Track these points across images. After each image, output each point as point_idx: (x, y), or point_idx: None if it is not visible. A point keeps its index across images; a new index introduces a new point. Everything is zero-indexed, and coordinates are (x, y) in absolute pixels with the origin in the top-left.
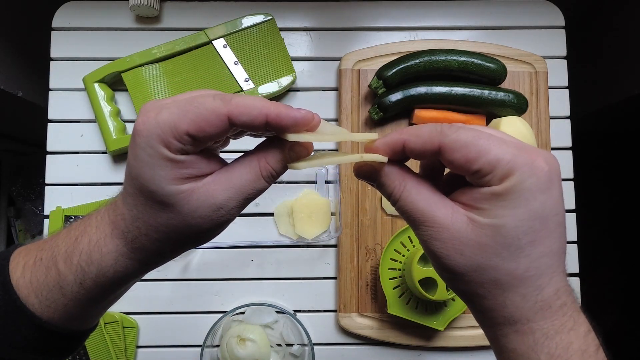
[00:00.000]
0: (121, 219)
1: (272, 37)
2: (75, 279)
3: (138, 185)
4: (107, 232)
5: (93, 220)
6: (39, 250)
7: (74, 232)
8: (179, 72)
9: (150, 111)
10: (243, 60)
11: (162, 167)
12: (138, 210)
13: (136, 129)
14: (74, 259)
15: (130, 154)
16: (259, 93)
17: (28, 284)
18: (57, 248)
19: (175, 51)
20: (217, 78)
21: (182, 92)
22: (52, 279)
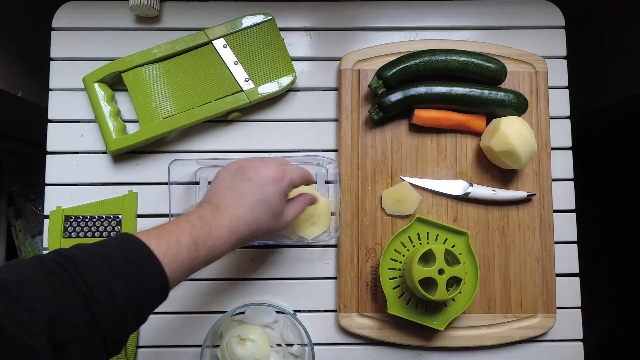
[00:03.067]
0: (237, 225)
1: (272, 37)
2: (203, 256)
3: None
4: (225, 232)
5: (214, 226)
6: (170, 235)
7: (204, 227)
8: (179, 72)
9: (280, 171)
10: (243, 60)
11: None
12: (262, 218)
13: (276, 177)
14: (208, 243)
15: (270, 190)
16: (259, 93)
17: (172, 258)
18: (195, 239)
19: (175, 51)
20: (217, 78)
21: (182, 92)
22: (190, 255)
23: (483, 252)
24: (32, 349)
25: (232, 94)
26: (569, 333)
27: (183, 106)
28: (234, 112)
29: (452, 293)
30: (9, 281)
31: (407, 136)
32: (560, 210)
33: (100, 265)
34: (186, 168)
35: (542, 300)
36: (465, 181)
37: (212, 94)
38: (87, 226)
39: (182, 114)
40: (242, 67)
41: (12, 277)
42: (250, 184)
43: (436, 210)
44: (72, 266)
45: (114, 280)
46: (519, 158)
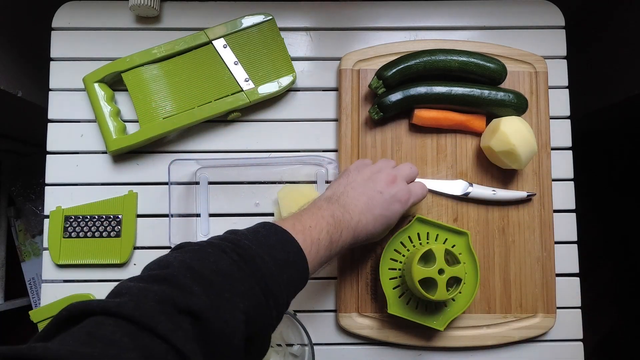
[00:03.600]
0: (360, 231)
1: (272, 37)
2: (333, 254)
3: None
4: (350, 236)
5: (343, 228)
6: (312, 231)
7: (337, 227)
8: (179, 72)
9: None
10: (243, 60)
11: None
12: (378, 230)
13: (403, 198)
14: (339, 242)
15: (395, 209)
16: (259, 93)
17: (314, 255)
18: (331, 238)
19: (175, 51)
20: (217, 78)
21: (182, 92)
22: (326, 253)
23: (483, 252)
24: (232, 342)
25: (232, 94)
26: (569, 333)
27: (183, 106)
28: (234, 112)
29: (452, 293)
30: (210, 272)
31: (407, 136)
32: (560, 210)
33: (271, 259)
34: (186, 168)
35: (542, 300)
36: (465, 181)
37: (212, 94)
38: (87, 226)
39: (182, 114)
40: (242, 67)
41: (210, 267)
42: (380, 197)
43: (436, 210)
44: (251, 259)
45: (280, 274)
46: (519, 158)
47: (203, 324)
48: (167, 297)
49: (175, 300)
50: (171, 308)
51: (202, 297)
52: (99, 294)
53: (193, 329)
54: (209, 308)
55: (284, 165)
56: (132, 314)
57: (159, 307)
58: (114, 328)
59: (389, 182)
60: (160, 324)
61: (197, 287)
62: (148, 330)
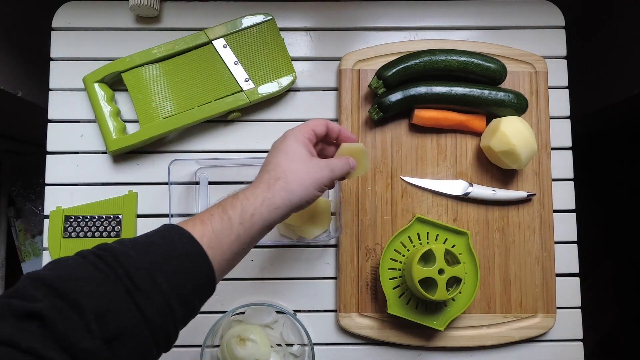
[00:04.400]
0: (262, 178)
1: (272, 37)
2: (242, 223)
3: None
4: (252, 189)
5: (241, 192)
6: (203, 213)
7: (234, 196)
8: (179, 72)
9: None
10: (243, 60)
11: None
12: (280, 163)
13: (292, 131)
14: (237, 206)
15: (286, 141)
16: (259, 93)
17: (210, 236)
18: (223, 205)
19: (175, 51)
20: (217, 78)
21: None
22: (226, 224)
23: (483, 252)
24: (83, 345)
25: (232, 94)
26: (569, 333)
27: (183, 106)
28: (234, 112)
29: (452, 293)
30: (54, 279)
31: (407, 136)
32: (560, 210)
33: (141, 255)
34: (186, 168)
35: (542, 300)
36: (465, 181)
37: (212, 94)
38: (87, 226)
39: (182, 114)
40: (242, 67)
41: (55, 274)
42: (274, 148)
43: (436, 210)
44: (113, 258)
45: (157, 268)
46: (519, 158)
47: (48, 326)
48: (3, 307)
49: (13, 308)
50: (10, 316)
51: (42, 301)
52: None
53: (40, 330)
54: (49, 310)
55: None
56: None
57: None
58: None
59: (291, 130)
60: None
61: (37, 292)
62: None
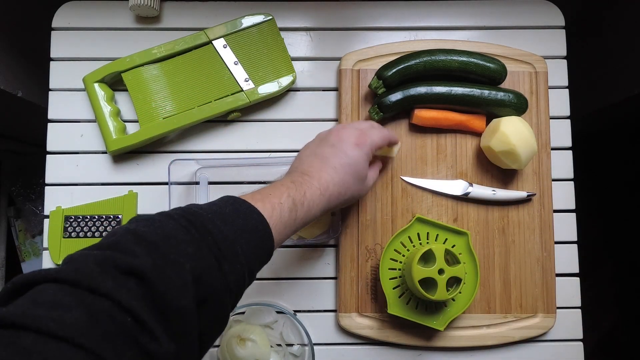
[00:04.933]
0: (326, 187)
1: (272, 37)
2: (302, 216)
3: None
4: (317, 194)
5: (306, 189)
6: (272, 198)
7: (299, 189)
8: (179, 72)
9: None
10: (243, 60)
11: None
12: (348, 180)
13: (358, 141)
14: (305, 204)
15: (354, 154)
16: (259, 93)
17: (277, 219)
18: (294, 200)
19: (175, 51)
20: (217, 78)
21: (182, 92)
22: (291, 216)
23: (483, 252)
24: (180, 304)
25: (232, 94)
26: (569, 333)
27: (183, 106)
28: (234, 112)
29: (452, 293)
30: (154, 235)
31: (407, 136)
32: (560, 210)
33: (224, 224)
34: (186, 168)
35: (542, 300)
36: (465, 181)
37: (212, 94)
38: (87, 226)
39: (182, 114)
40: (242, 67)
41: (155, 231)
42: (333, 149)
43: (436, 210)
44: (202, 224)
45: (237, 240)
46: (519, 158)
47: (147, 284)
48: (108, 260)
49: (117, 262)
50: (112, 269)
51: (144, 258)
52: None
53: (139, 288)
54: (151, 268)
55: (284, 165)
56: (73, 277)
57: (99, 268)
58: (56, 292)
59: (339, 134)
60: (102, 283)
61: (139, 249)
62: (90, 290)
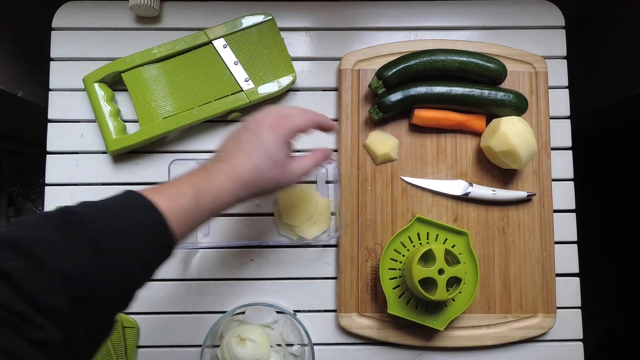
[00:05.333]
0: (238, 173)
1: (272, 37)
2: (208, 205)
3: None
4: (227, 180)
5: (214, 175)
6: (172, 188)
7: (206, 177)
8: (179, 72)
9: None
10: (243, 60)
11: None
12: (261, 165)
13: (273, 124)
14: (211, 192)
15: (267, 137)
16: (259, 93)
17: (177, 210)
18: (196, 188)
19: (175, 51)
20: (217, 78)
21: (182, 92)
22: (193, 205)
23: (483, 252)
24: (48, 305)
25: (232, 94)
26: (569, 333)
27: (183, 106)
28: (234, 112)
29: (452, 293)
30: (20, 238)
31: (407, 136)
32: (560, 210)
33: (107, 221)
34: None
35: (542, 300)
36: (465, 181)
37: (212, 94)
38: None
39: (182, 114)
40: (242, 67)
41: (22, 234)
42: (249, 134)
43: (436, 210)
44: (81, 222)
45: (123, 235)
46: (519, 158)
47: (15, 284)
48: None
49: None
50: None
51: (9, 261)
52: None
53: (8, 288)
54: (17, 269)
55: None
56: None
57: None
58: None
59: (257, 117)
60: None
61: (5, 252)
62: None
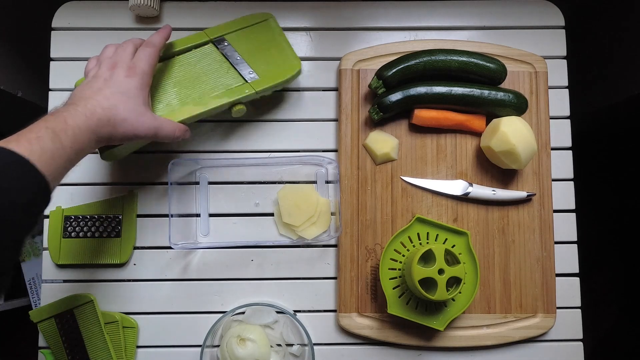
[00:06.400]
0: (92, 110)
1: (274, 34)
2: (70, 145)
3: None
4: (82, 119)
5: (69, 115)
6: (28, 133)
7: (58, 118)
8: (180, 70)
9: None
10: (246, 56)
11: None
12: (119, 105)
13: (128, 74)
14: (68, 132)
15: (127, 85)
16: (265, 83)
17: (39, 153)
18: (54, 129)
19: (176, 49)
20: (220, 74)
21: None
22: (56, 145)
23: (483, 252)
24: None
25: (236, 86)
26: (569, 333)
27: (184, 102)
28: (239, 104)
29: (452, 293)
30: None
31: (407, 136)
32: (560, 210)
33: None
34: (186, 168)
35: (542, 300)
36: (465, 181)
37: (216, 90)
38: (87, 226)
39: (184, 107)
40: (245, 62)
41: None
42: (106, 82)
43: (436, 210)
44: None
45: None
46: (519, 158)
47: None
48: None
49: None
50: None
51: None
52: (98, 294)
53: None
54: None
55: (284, 165)
56: None
57: None
58: None
59: (109, 69)
60: None
61: None
62: None
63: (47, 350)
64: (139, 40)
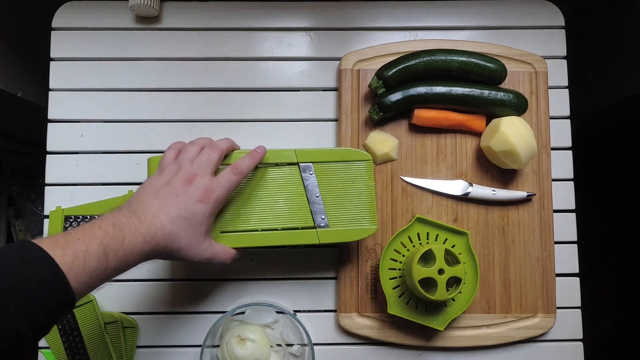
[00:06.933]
0: (153, 235)
1: (364, 181)
2: (115, 265)
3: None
4: (140, 241)
5: (127, 233)
6: (78, 244)
7: (118, 235)
8: (256, 183)
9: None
10: (325, 195)
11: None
12: (181, 234)
13: (202, 197)
14: (120, 253)
15: (196, 209)
16: (332, 238)
17: (79, 269)
18: (106, 248)
19: (263, 162)
20: (293, 205)
21: (256, 211)
22: (100, 265)
23: (483, 252)
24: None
25: (303, 228)
26: (569, 333)
27: (247, 225)
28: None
29: (452, 293)
30: None
31: (407, 136)
32: (560, 210)
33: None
34: None
35: (542, 300)
36: (465, 181)
37: (282, 221)
38: None
39: (244, 234)
40: (322, 202)
41: None
42: (176, 200)
43: (436, 210)
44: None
45: (10, 295)
46: (519, 158)
47: None
48: None
49: None
50: None
51: None
52: (98, 295)
53: None
54: None
55: None
56: None
57: None
58: None
59: (185, 183)
60: None
61: None
62: None
63: (47, 350)
64: (227, 143)
